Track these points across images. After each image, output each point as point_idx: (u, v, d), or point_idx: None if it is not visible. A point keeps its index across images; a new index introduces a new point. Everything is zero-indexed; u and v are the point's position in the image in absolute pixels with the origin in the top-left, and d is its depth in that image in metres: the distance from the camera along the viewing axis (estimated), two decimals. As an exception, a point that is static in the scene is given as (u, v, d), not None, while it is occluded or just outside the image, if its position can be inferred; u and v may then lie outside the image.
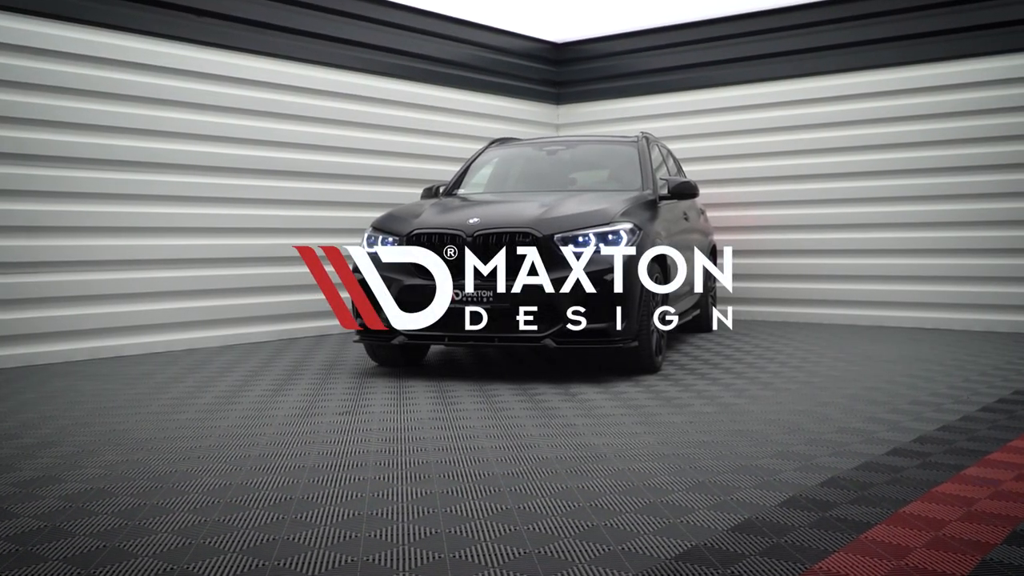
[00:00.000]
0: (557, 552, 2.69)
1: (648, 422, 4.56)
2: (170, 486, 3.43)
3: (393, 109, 9.26)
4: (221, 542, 2.79)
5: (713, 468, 3.63)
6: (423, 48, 9.53)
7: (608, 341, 5.70)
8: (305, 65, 8.47)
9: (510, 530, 2.88)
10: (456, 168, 8.88)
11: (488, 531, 2.88)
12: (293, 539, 2.82)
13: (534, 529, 2.89)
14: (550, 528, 2.90)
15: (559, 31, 11.21)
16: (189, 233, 7.64)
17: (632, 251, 5.78)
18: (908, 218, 9.04)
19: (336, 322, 8.63)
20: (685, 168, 9.41)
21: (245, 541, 2.80)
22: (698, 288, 8.17)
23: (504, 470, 3.63)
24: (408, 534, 2.86)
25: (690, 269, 7.62)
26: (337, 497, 3.27)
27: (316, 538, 2.82)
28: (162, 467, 3.73)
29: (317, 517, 3.03)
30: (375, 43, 9.03)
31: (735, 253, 9.79)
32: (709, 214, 9.32)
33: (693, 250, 7.79)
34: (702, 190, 8.03)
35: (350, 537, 2.83)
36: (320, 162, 8.62)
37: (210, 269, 7.80)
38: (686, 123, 10.39)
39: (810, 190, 9.56)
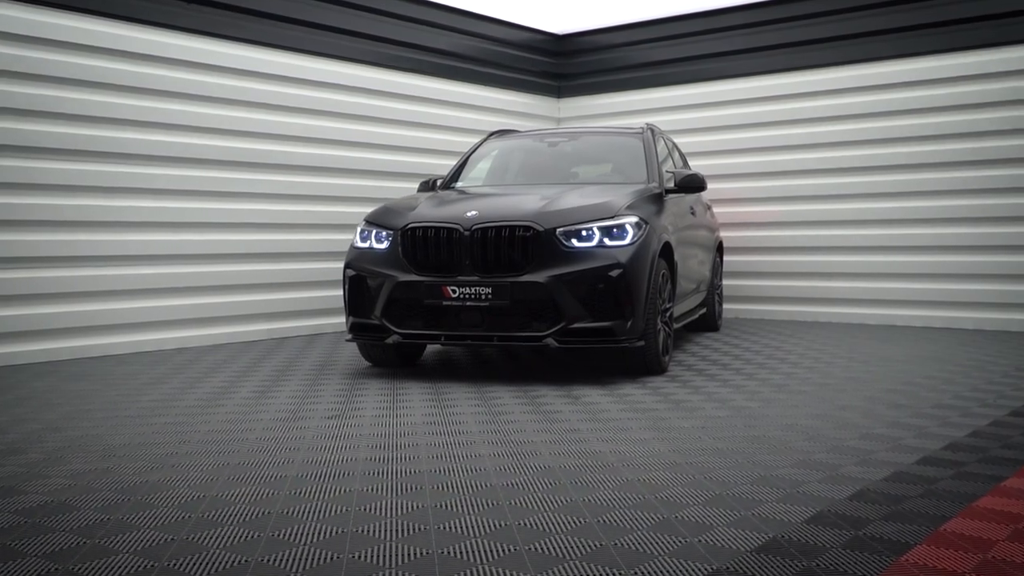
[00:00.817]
0: (562, 577, 2.40)
1: (657, 427, 4.27)
2: (138, 499, 3.14)
3: (387, 101, 8.97)
4: (188, 564, 2.51)
5: (731, 479, 3.34)
6: (420, 38, 9.24)
7: (613, 341, 5.41)
8: (296, 55, 8.18)
9: (510, 550, 2.60)
10: (453, 162, 8.60)
11: (485, 551, 2.59)
12: (268, 560, 2.53)
13: (536, 549, 2.61)
14: (554, 548, 2.61)
15: (560, 22, 10.93)
16: (180, 228, 7.34)
17: (638, 246, 5.49)
18: (918, 214, 8.75)
19: (330, 320, 8.38)
20: (690, 163, 9.12)
21: (215, 562, 2.52)
22: (704, 285, 7.90)
23: (503, 481, 3.34)
24: (396, 555, 2.57)
25: (697, 265, 7.36)
26: (319, 512, 2.98)
27: (293, 560, 2.54)
28: (132, 477, 3.44)
29: (296, 535, 2.75)
30: (368, 32, 8.74)
31: (741, 250, 9.59)
32: (714, 210, 9.03)
33: (700, 246, 7.52)
34: (708, 185, 7.73)
35: (332, 559, 2.54)
36: (313, 155, 8.33)
37: (201, 265, 7.51)
38: (690, 116, 10.10)
39: (818, 185, 9.27)
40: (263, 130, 7.92)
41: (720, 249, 8.71)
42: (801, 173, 9.38)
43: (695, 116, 10.08)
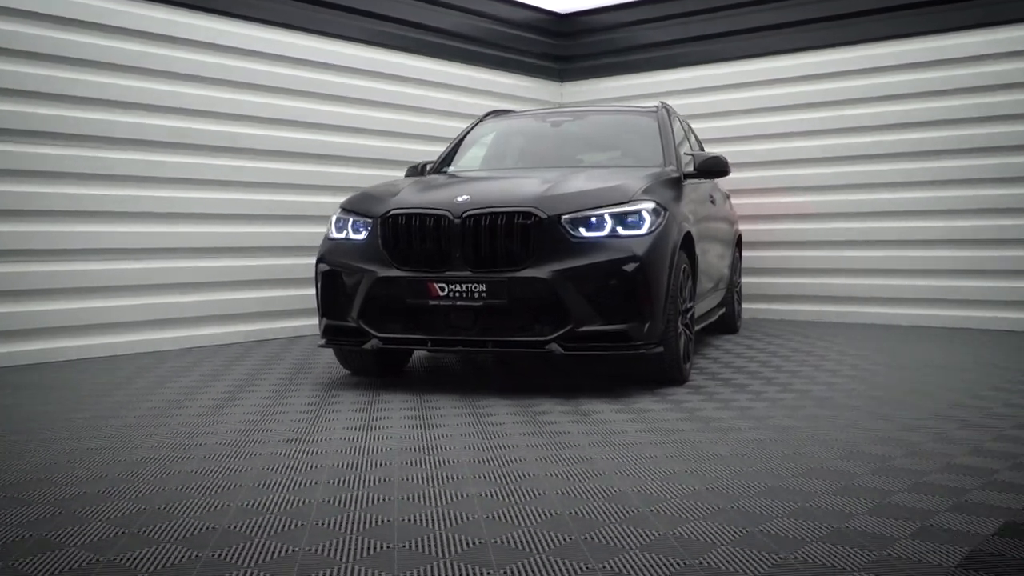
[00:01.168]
0: None
1: (685, 455, 3.50)
2: (43, 535, 2.38)
3: (374, 81, 8.21)
4: None
5: (795, 534, 2.55)
6: (411, 14, 8.47)
7: (628, 346, 4.63)
8: (277, 30, 7.42)
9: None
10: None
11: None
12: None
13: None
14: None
15: (563, 0, 10.17)
16: (146, 219, 6.60)
17: (656, 236, 4.72)
18: (955, 204, 7.94)
19: (310, 322, 7.60)
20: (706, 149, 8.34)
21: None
22: (723, 283, 7.14)
23: (496, 535, 2.56)
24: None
25: (717, 260, 6.61)
26: (257, 558, 2.21)
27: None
28: (42, 509, 2.66)
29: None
30: (354, 7, 7.97)
31: (759, 244, 8.82)
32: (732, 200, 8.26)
33: (719, 239, 6.77)
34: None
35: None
36: (293, 140, 7.57)
37: (170, 260, 6.75)
38: (704, 100, 9.32)
39: (844, 173, 8.49)
40: (241, 111, 7.16)
41: (739, 243, 7.95)
42: (825, 160, 8.60)
43: (709, 100, 9.30)
